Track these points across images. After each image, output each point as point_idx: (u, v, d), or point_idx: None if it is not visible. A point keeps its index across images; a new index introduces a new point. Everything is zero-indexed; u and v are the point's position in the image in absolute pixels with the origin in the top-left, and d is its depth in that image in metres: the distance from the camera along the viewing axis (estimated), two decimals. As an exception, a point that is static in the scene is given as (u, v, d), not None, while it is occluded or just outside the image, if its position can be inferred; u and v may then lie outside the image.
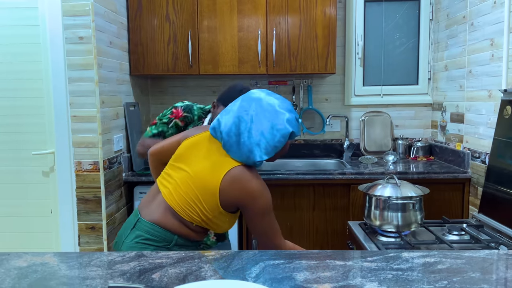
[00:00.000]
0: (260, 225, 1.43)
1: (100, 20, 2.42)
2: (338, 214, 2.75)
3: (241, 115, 1.44)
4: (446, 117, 3.07)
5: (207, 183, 1.41)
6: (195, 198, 1.42)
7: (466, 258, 1.04)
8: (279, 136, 1.42)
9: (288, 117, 1.44)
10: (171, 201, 1.45)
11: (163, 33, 2.91)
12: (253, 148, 1.41)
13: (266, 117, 1.43)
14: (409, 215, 1.85)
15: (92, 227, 2.46)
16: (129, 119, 2.83)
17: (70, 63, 2.36)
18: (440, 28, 3.16)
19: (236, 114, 1.46)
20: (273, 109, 1.45)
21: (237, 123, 1.44)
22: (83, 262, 1.02)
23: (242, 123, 1.43)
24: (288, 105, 1.49)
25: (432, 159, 3.19)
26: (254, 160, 1.41)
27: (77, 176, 2.43)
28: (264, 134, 1.41)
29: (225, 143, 1.44)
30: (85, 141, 2.41)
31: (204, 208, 1.42)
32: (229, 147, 1.44)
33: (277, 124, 1.42)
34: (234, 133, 1.43)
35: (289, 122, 1.44)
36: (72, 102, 2.39)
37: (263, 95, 1.47)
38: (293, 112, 1.48)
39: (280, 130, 1.42)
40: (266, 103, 1.46)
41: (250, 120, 1.43)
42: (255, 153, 1.41)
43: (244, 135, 1.42)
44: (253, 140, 1.41)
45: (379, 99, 3.37)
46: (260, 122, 1.42)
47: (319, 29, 2.91)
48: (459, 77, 2.83)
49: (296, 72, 2.94)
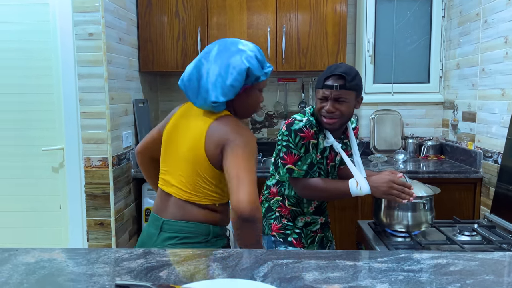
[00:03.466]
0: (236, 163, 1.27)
1: (109, 17, 2.42)
2: (347, 213, 2.73)
3: (203, 57, 1.39)
4: (457, 116, 3.02)
5: (195, 155, 1.35)
6: (198, 176, 1.36)
7: (479, 260, 1.02)
8: (235, 73, 1.33)
9: (248, 54, 1.35)
10: (184, 195, 1.38)
11: (173, 29, 2.90)
12: (208, 88, 1.34)
13: (226, 56, 1.35)
14: (420, 215, 1.83)
15: (100, 223, 2.46)
16: (138, 116, 2.83)
17: (80, 59, 2.37)
18: (452, 25, 3.12)
19: (198, 57, 1.40)
20: (235, 47, 1.36)
21: (198, 66, 1.38)
22: (91, 259, 1.02)
23: (203, 66, 1.36)
24: (254, 45, 1.41)
25: (443, 158, 3.15)
26: (210, 100, 1.33)
27: (86, 172, 2.44)
28: (221, 73, 1.33)
29: (187, 90, 1.39)
30: (94, 138, 2.42)
31: (208, 180, 1.36)
32: (191, 93, 1.38)
33: (234, 61, 1.34)
34: (195, 78, 1.37)
35: (248, 59, 1.34)
36: (81, 98, 2.40)
37: (230, 39, 1.42)
38: (253, 50, 1.38)
39: (236, 67, 1.33)
40: (229, 42, 1.40)
41: (211, 61, 1.36)
42: (210, 93, 1.33)
43: (203, 78, 1.35)
44: (209, 80, 1.34)
45: (389, 97, 3.33)
46: (219, 62, 1.34)
47: (329, 26, 2.88)
48: (472, 75, 2.79)
49: (305, 70, 2.91)
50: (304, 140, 1.74)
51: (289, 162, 1.75)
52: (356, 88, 1.72)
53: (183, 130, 1.43)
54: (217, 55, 1.36)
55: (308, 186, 1.77)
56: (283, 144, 1.76)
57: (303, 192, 1.79)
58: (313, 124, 1.77)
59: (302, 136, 1.73)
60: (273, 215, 1.90)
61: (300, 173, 1.76)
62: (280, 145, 1.78)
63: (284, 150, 1.76)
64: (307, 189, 1.77)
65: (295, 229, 1.89)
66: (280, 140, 1.79)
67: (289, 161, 1.75)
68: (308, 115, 1.80)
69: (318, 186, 1.76)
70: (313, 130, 1.77)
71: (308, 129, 1.75)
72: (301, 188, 1.78)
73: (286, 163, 1.76)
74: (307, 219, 1.90)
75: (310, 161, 1.78)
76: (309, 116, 1.79)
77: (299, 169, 1.76)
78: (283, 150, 1.76)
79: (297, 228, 1.89)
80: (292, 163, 1.75)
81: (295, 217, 1.89)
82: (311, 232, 1.92)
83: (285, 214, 1.88)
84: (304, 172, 1.77)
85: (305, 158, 1.77)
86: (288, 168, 1.76)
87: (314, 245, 1.94)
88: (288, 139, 1.74)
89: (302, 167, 1.77)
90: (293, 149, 1.74)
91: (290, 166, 1.76)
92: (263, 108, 3.38)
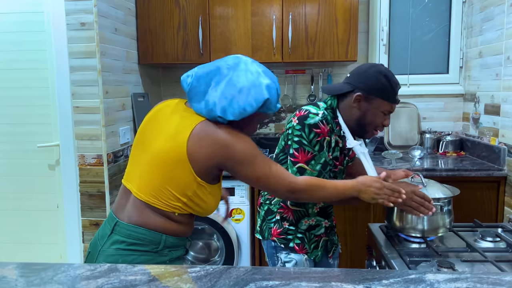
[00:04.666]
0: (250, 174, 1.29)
1: (103, 5, 2.28)
2: (358, 214, 2.55)
3: (221, 66, 1.30)
4: (479, 109, 2.80)
5: (172, 154, 1.24)
6: (166, 179, 1.24)
7: (507, 284, 0.84)
8: (252, 99, 1.26)
9: (269, 84, 1.29)
10: (143, 196, 1.26)
11: (173, 19, 2.75)
12: (219, 102, 1.25)
13: (247, 76, 1.27)
14: (436, 218, 1.64)
15: (96, 223, 2.35)
16: (137, 111, 2.70)
17: (72, 51, 2.24)
18: (474, 11, 2.89)
19: (216, 64, 1.31)
20: (257, 72, 1.30)
21: (213, 72, 1.29)
22: (46, 277, 0.87)
23: (218, 75, 1.29)
24: (273, 76, 1.35)
25: (463, 154, 2.93)
26: (215, 115, 1.26)
27: (80, 170, 2.32)
28: (237, 92, 1.26)
29: (191, 89, 1.29)
30: (88, 134, 2.29)
31: (179, 186, 1.25)
32: (194, 94, 1.29)
33: (254, 86, 1.27)
34: (205, 81, 1.28)
35: (268, 89, 1.28)
36: (74, 92, 2.27)
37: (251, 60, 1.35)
38: (275, 83, 1.33)
39: (255, 94, 1.26)
40: (251, 65, 1.32)
41: (228, 74, 1.28)
42: (218, 107, 1.25)
43: (215, 86, 1.27)
44: (222, 94, 1.26)
45: (405, 89, 3.13)
46: (237, 79, 1.27)
47: (339, 13, 2.69)
48: (495, 64, 2.57)
49: (314, 60, 2.73)
50: (320, 137, 1.55)
51: (300, 160, 1.56)
52: None
53: (161, 124, 1.31)
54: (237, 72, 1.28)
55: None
56: (294, 139, 1.57)
57: None
58: (328, 120, 1.59)
59: (318, 132, 1.54)
60: (273, 218, 1.74)
61: (313, 173, 1.57)
62: (291, 140, 1.59)
63: (296, 147, 1.57)
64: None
65: (297, 233, 1.72)
66: (290, 135, 1.59)
67: (301, 159, 1.56)
68: (322, 109, 1.61)
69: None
70: (329, 126, 1.59)
71: (325, 125, 1.56)
72: None
73: (297, 161, 1.57)
74: (311, 222, 1.73)
75: (324, 160, 1.59)
76: (324, 110, 1.61)
77: (312, 169, 1.57)
78: (294, 147, 1.57)
79: (300, 233, 1.72)
80: (304, 161, 1.56)
81: (299, 219, 1.71)
82: (315, 236, 1.75)
83: (287, 216, 1.71)
84: (317, 172, 1.58)
85: (319, 157, 1.57)
86: (299, 167, 1.57)
87: (318, 250, 1.77)
88: (301, 134, 1.55)
89: (315, 167, 1.57)
90: (306, 146, 1.55)
91: (302, 165, 1.56)
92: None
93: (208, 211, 1.36)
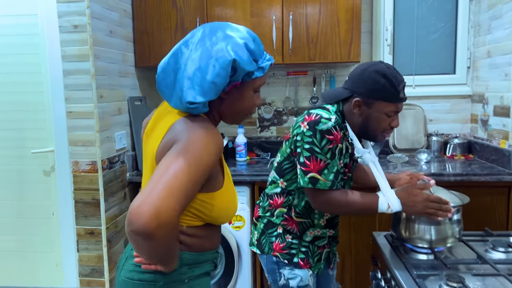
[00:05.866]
0: (166, 162, 0.97)
1: (96, 7, 2.21)
2: (363, 221, 2.45)
3: (183, 44, 1.09)
4: (488, 110, 2.70)
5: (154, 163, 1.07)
6: None
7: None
8: (217, 67, 1.02)
9: (236, 42, 1.05)
10: None
11: (170, 20, 2.68)
12: (183, 84, 1.05)
13: (210, 43, 1.05)
14: (445, 228, 1.55)
15: (91, 232, 2.27)
16: (134, 115, 2.62)
17: (65, 54, 2.17)
18: (482, 8, 2.78)
19: (178, 44, 1.10)
20: (222, 32, 1.06)
21: (176, 55, 1.09)
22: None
23: (182, 55, 1.07)
24: (247, 31, 1.10)
25: (472, 158, 2.83)
26: (185, 100, 1.05)
27: (74, 177, 2.25)
28: (201, 66, 1.04)
29: (160, 84, 1.11)
30: (82, 139, 2.22)
31: None
32: (165, 89, 1.10)
33: (217, 52, 1.03)
34: (172, 69, 1.08)
35: (234, 48, 1.04)
36: (67, 96, 2.20)
37: (217, 23, 1.11)
38: (247, 38, 1.08)
39: (219, 59, 1.03)
40: (216, 26, 1.09)
41: (191, 49, 1.06)
42: (186, 91, 1.05)
43: (181, 70, 1.07)
44: (186, 74, 1.05)
45: (410, 90, 3.02)
46: (200, 51, 1.05)
47: (341, 12, 2.60)
48: (505, 64, 2.46)
49: (315, 61, 2.64)
50: (332, 144, 1.44)
51: (312, 169, 1.44)
52: None
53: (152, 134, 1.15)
54: (200, 41, 1.06)
55: (331, 200, 1.47)
56: (305, 147, 1.45)
57: (323, 207, 1.51)
58: (341, 125, 1.49)
59: (330, 139, 1.43)
60: (275, 231, 1.62)
61: (326, 184, 1.45)
62: (300, 147, 1.47)
63: (307, 155, 1.44)
64: (329, 204, 1.48)
65: (301, 247, 1.61)
66: (299, 142, 1.47)
67: (313, 168, 1.44)
68: (333, 113, 1.50)
69: (342, 200, 1.47)
70: (342, 132, 1.48)
71: (338, 131, 1.45)
72: (321, 202, 1.48)
73: (308, 171, 1.45)
74: (316, 233, 1.62)
75: (336, 169, 1.47)
76: (335, 114, 1.50)
77: (325, 179, 1.44)
78: (305, 155, 1.45)
79: (304, 246, 1.61)
80: (316, 171, 1.44)
81: (304, 231, 1.61)
82: (318, 248, 1.66)
83: (291, 228, 1.60)
84: (331, 182, 1.45)
85: (332, 166, 1.46)
86: (312, 177, 1.44)
87: (320, 263, 1.67)
88: (313, 140, 1.43)
89: (328, 177, 1.45)
90: (318, 153, 1.43)
91: (314, 175, 1.44)
92: (272, 104, 3.12)
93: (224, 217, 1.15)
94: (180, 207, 0.93)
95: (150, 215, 0.87)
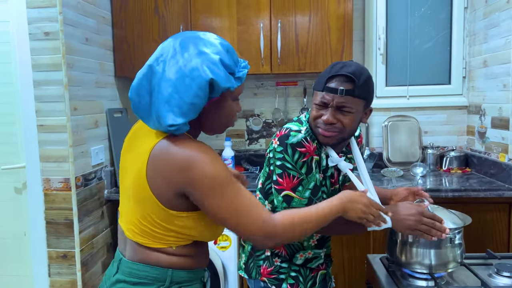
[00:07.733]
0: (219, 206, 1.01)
1: (70, 13, 2.06)
2: (356, 240, 2.31)
3: (154, 61, 1.04)
4: (485, 122, 2.58)
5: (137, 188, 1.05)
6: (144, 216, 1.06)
7: None
8: (195, 87, 0.99)
9: (211, 60, 1.01)
10: (131, 237, 1.10)
11: (152, 28, 2.54)
12: (161, 108, 1.00)
13: (183, 61, 1.00)
14: (446, 252, 1.42)
15: (63, 255, 2.10)
16: (113, 128, 2.46)
17: (35, 63, 2.02)
18: (477, 17, 2.69)
19: (149, 62, 1.05)
20: (195, 47, 1.01)
21: (148, 75, 1.03)
22: None
23: (155, 74, 1.02)
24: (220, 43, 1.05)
25: (469, 171, 2.71)
26: (165, 124, 1.00)
27: (45, 195, 2.08)
28: (177, 87, 0.99)
29: (135, 106, 1.05)
30: (54, 155, 2.06)
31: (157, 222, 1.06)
32: (142, 112, 1.05)
33: (191, 71, 0.99)
34: (146, 90, 1.03)
35: (210, 67, 1.00)
36: (38, 109, 2.04)
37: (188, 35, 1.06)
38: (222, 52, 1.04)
39: (195, 79, 0.99)
40: (188, 38, 1.03)
41: (164, 68, 1.01)
42: (164, 114, 1.00)
43: (155, 91, 1.02)
44: (162, 97, 1.00)
45: (404, 101, 2.92)
46: (173, 69, 1.00)
47: (332, 20, 2.48)
48: (502, 74, 2.36)
49: (305, 71, 2.51)
50: (305, 157, 1.33)
51: (286, 187, 1.34)
52: (366, 96, 1.32)
53: (130, 154, 1.12)
54: (172, 58, 1.01)
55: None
56: (277, 164, 1.34)
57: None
58: (313, 136, 1.38)
59: (302, 152, 1.32)
60: (262, 254, 1.49)
61: (302, 201, 1.34)
62: (273, 164, 1.37)
63: (279, 172, 1.34)
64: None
65: (291, 271, 1.47)
66: (272, 158, 1.37)
67: (286, 186, 1.34)
68: (305, 124, 1.40)
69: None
70: (315, 143, 1.37)
71: (310, 142, 1.34)
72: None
73: (282, 189, 1.34)
74: (307, 255, 1.49)
75: (313, 184, 1.36)
76: (307, 125, 1.39)
77: (300, 197, 1.34)
78: (277, 172, 1.34)
79: (294, 271, 1.48)
80: (290, 188, 1.33)
81: (293, 254, 1.47)
82: (311, 271, 1.51)
83: (279, 251, 1.47)
84: (307, 200, 1.34)
85: (307, 182, 1.35)
86: (285, 196, 1.34)
87: (316, 287, 1.53)
88: (284, 156, 1.33)
89: (303, 194, 1.34)
90: (291, 169, 1.33)
91: (288, 193, 1.34)
92: (260, 115, 2.98)
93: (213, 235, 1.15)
94: (264, 212, 1.06)
95: (263, 241, 1.05)
